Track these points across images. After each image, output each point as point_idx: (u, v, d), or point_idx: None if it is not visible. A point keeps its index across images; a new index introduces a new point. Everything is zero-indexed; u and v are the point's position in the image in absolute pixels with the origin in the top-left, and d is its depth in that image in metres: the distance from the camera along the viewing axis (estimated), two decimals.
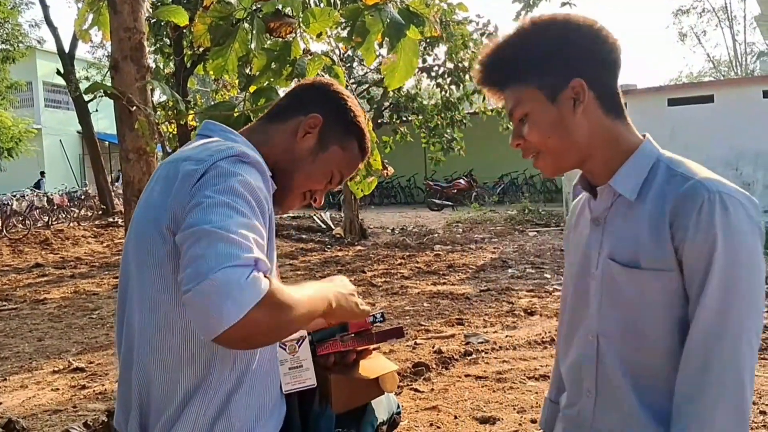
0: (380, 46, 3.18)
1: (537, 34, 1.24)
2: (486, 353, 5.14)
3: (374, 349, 1.72)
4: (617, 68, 1.26)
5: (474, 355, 5.08)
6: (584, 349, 1.31)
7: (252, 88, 3.11)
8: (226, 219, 1.03)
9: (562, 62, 1.22)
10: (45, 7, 16.42)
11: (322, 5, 3.40)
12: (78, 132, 24.29)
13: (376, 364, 1.64)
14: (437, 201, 19.87)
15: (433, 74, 13.75)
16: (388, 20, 2.87)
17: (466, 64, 12.92)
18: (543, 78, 1.23)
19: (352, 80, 15.20)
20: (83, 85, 16.92)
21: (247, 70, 3.40)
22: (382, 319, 1.68)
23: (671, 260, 1.15)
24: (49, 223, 15.51)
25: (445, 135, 14.19)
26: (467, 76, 13.10)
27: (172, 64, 11.21)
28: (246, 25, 2.96)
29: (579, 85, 1.21)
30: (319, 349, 1.55)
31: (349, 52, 12.18)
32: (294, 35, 3.10)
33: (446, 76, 13.46)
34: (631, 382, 1.23)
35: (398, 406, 1.75)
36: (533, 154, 1.28)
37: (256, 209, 1.11)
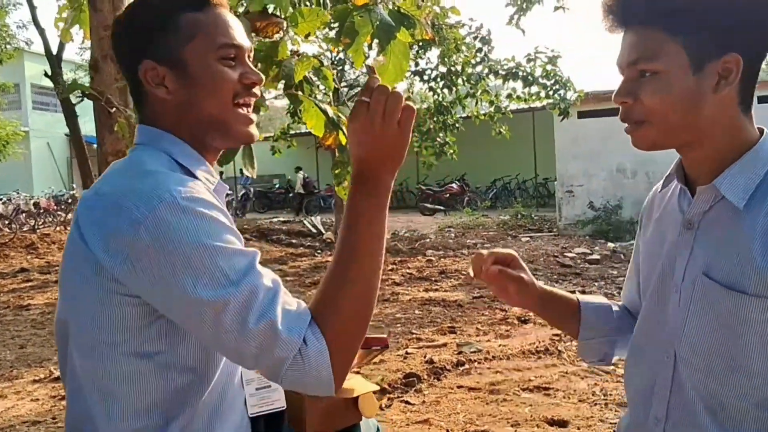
0: (370, 47, 3.07)
1: None
2: (479, 363, 5.02)
3: (357, 362, 1.62)
4: None
5: (467, 366, 4.97)
6: (657, 370, 1.14)
7: None
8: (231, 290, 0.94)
9: (728, 28, 1.00)
10: (33, 8, 16.21)
11: (311, 5, 3.30)
12: (66, 135, 24.06)
13: (353, 384, 1.52)
14: (429, 205, 19.77)
15: (425, 78, 13.64)
16: (378, 22, 2.77)
17: (459, 67, 12.83)
18: (697, 38, 1.01)
19: (344, 83, 15.08)
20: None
21: None
22: None
23: None
24: (36, 227, 15.33)
25: (438, 139, 14.08)
26: (460, 80, 13.01)
27: None
28: None
29: (735, 62, 1.01)
30: None
31: (341, 55, 12.10)
32: (281, 35, 2.99)
33: (439, 79, 13.35)
34: (712, 419, 1.06)
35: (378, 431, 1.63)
36: (635, 120, 1.08)
37: (231, 236, 0.98)
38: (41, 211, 16.59)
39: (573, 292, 6.78)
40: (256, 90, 1.15)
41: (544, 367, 4.86)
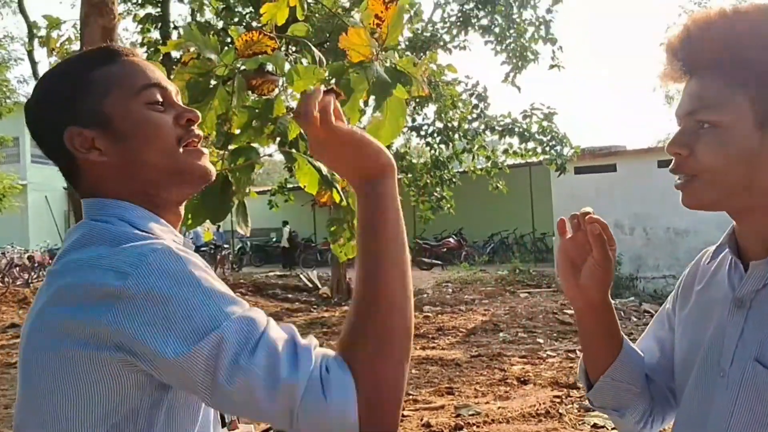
0: (366, 104, 3.04)
1: None
2: (477, 427, 4.86)
3: None
4: None
5: (465, 430, 4.80)
6: None
7: (231, 147, 2.96)
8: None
9: None
10: (34, 63, 16.45)
11: (305, 62, 3.29)
12: (64, 188, 24.10)
13: None
14: (426, 260, 19.67)
15: (422, 133, 13.74)
16: (374, 79, 2.74)
17: (456, 123, 12.93)
18: (765, 91, 0.93)
19: None
20: None
21: (226, 128, 3.26)
22: None
23: None
24: (29, 281, 15.17)
25: (435, 194, 14.10)
26: (457, 135, 13.10)
27: None
28: (226, 86, 2.83)
29: None
30: None
31: None
32: (277, 93, 2.97)
33: (436, 135, 13.45)
34: None
35: None
36: (686, 175, 0.99)
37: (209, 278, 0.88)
38: (35, 265, 16.48)
39: (573, 351, 6.64)
40: (197, 129, 1.05)
41: (545, 431, 4.70)
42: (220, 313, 0.83)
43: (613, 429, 4.65)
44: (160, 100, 1.01)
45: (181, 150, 1.01)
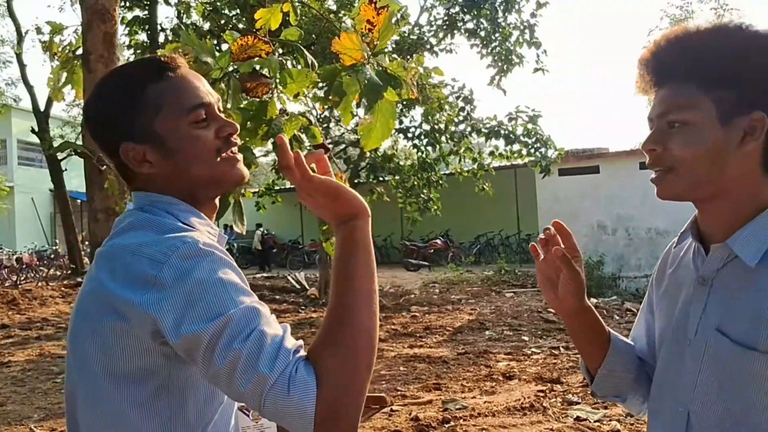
0: (358, 106, 3.16)
1: (746, 44, 1.08)
2: (464, 420, 4.99)
3: None
4: None
5: (452, 423, 4.93)
6: (672, 423, 1.16)
7: None
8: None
9: (758, 88, 1.07)
10: (22, 67, 16.46)
11: (299, 66, 3.40)
12: (50, 190, 24.01)
13: None
14: (414, 261, 19.79)
15: (409, 135, 13.87)
16: (366, 81, 2.85)
17: (442, 125, 13.07)
18: (726, 93, 1.07)
19: (329, 140, 15.27)
20: (57, 143, 16.78)
21: None
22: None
23: None
24: (17, 282, 15.14)
25: (422, 195, 14.23)
26: (443, 138, 13.24)
27: None
28: (222, 84, 2.94)
29: (760, 121, 1.06)
30: None
31: (326, 113, 12.30)
32: (270, 95, 3.07)
33: (423, 137, 13.59)
34: None
35: None
36: (662, 168, 1.12)
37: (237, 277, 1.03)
38: (23, 266, 16.43)
39: (557, 348, 6.80)
40: (235, 138, 1.18)
41: (530, 423, 4.84)
42: (231, 301, 0.97)
43: (595, 421, 4.80)
44: (204, 117, 1.14)
45: (219, 159, 1.15)
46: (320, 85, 3.42)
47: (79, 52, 3.08)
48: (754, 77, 1.07)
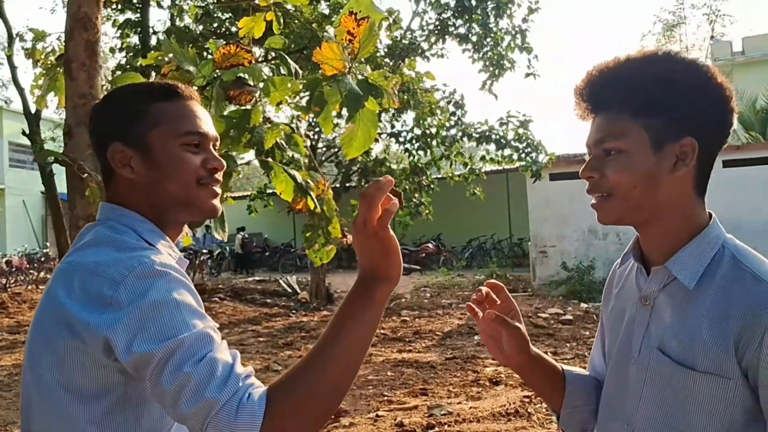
0: (339, 115, 3.18)
1: (674, 72, 1.11)
2: (449, 426, 5.01)
3: None
4: (724, 145, 1.15)
5: (437, 428, 4.95)
6: None
7: None
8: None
9: (686, 115, 1.10)
10: (13, 68, 16.36)
11: (284, 72, 3.41)
12: (42, 193, 23.93)
13: None
14: (405, 265, 19.78)
15: (401, 140, 13.90)
16: (346, 91, 2.87)
17: (434, 130, 13.11)
18: (657, 121, 1.10)
19: (322, 143, 15.29)
20: (48, 146, 16.71)
21: None
22: None
23: (733, 368, 1.05)
24: (7, 285, 15.09)
25: (413, 199, 14.26)
26: (435, 142, 13.27)
27: None
28: (205, 92, 2.95)
29: (691, 146, 1.10)
30: None
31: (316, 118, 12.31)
32: (254, 103, 3.09)
33: (414, 141, 13.62)
34: None
35: None
36: (600, 194, 1.15)
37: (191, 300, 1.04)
38: (13, 269, 16.38)
39: (545, 353, 6.86)
40: (218, 176, 1.23)
41: (514, 429, 4.86)
42: (185, 324, 0.99)
43: None
44: (197, 143, 1.21)
45: (198, 186, 1.19)
46: (303, 94, 3.45)
47: (61, 58, 3.09)
48: (682, 104, 1.10)
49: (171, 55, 3.03)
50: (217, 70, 2.96)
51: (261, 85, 3.06)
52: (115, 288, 1.00)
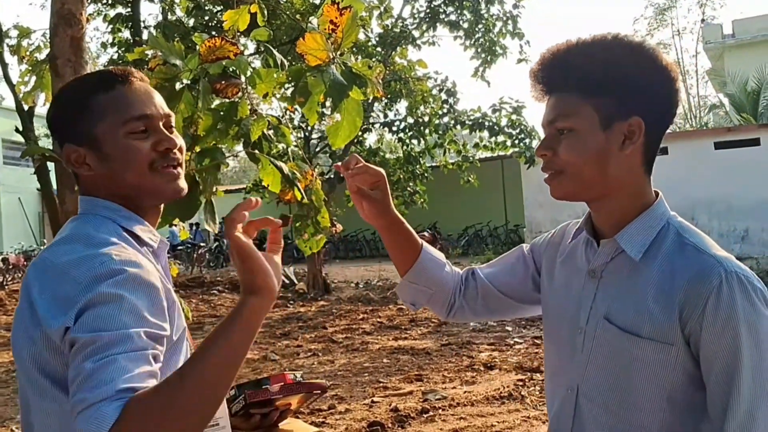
0: (323, 106, 3.21)
1: (621, 54, 1.17)
2: (443, 410, 5.08)
3: (297, 405, 1.74)
4: (670, 125, 1.21)
5: (431, 413, 5.01)
6: (562, 402, 1.27)
7: (197, 149, 3.10)
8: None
9: (633, 95, 1.15)
10: (4, 65, 16.36)
11: (269, 62, 3.43)
12: (37, 189, 23.91)
13: (293, 427, 1.63)
14: None
15: (394, 129, 13.93)
16: (330, 81, 2.90)
17: (427, 119, 13.13)
18: (605, 101, 1.15)
19: (316, 133, 15.30)
20: (42, 143, 16.66)
21: (192, 131, 3.40)
22: (302, 378, 1.70)
23: (676, 335, 1.11)
24: (4, 283, 15.13)
25: (408, 188, 14.29)
26: (428, 131, 13.29)
27: None
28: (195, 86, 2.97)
29: (638, 125, 1.15)
30: (251, 396, 1.57)
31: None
32: (241, 96, 3.12)
33: (407, 130, 13.64)
34: None
35: None
36: (553, 171, 1.21)
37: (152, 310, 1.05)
38: (10, 267, 16.41)
39: (539, 337, 6.91)
40: (174, 154, 1.23)
41: (507, 412, 4.92)
42: (115, 323, 0.99)
43: None
44: (144, 129, 1.19)
45: (152, 173, 1.20)
46: (289, 85, 3.47)
47: (47, 54, 3.12)
48: (629, 84, 1.16)
49: (154, 49, 3.06)
50: (204, 63, 2.99)
51: (247, 77, 3.08)
52: (78, 289, 1.03)
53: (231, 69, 3.04)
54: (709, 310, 1.08)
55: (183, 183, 1.24)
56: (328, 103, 3.10)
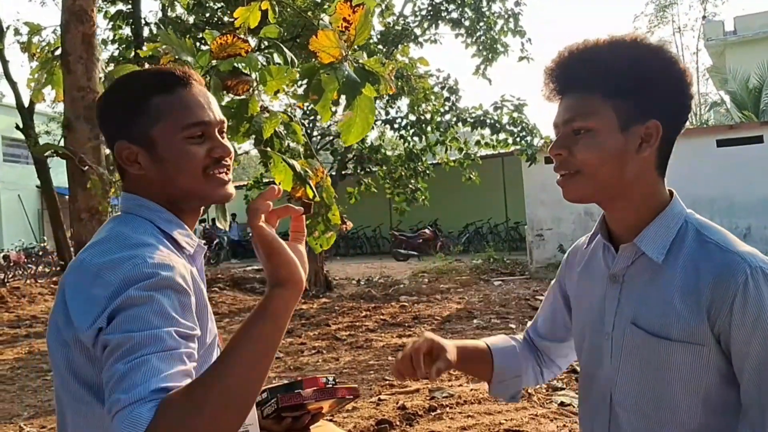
0: (336, 103, 3.20)
1: (645, 56, 1.16)
2: (450, 408, 5.07)
3: (329, 409, 1.72)
4: (683, 128, 1.21)
5: (438, 410, 5.01)
6: (596, 414, 1.26)
7: None
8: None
9: (652, 97, 1.15)
10: (5, 63, 16.32)
11: (279, 61, 3.42)
12: (37, 186, 23.87)
13: (324, 430, 1.62)
14: (403, 251, 19.86)
15: (396, 126, 13.91)
16: (344, 79, 2.89)
17: (428, 116, 13.11)
18: (625, 102, 1.15)
19: (317, 131, 15.28)
20: (43, 140, 16.67)
21: None
22: (334, 382, 1.68)
23: (706, 335, 1.10)
24: (5, 280, 15.09)
25: (409, 185, 14.28)
26: (429, 128, 13.28)
27: None
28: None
29: (655, 128, 1.15)
30: (283, 400, 1.56)
31: (312, 105, 12.30)
32: (251, 92, 3.10)
33: (409, 128, 13.63)
34: None
35: None
36: (569, 171, 1.19)
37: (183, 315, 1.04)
38: (11, 264, 16.36)
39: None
40: (226, 161, 1.23)
41: (515, 410, 4.91)
42: (145, 323, 0.98)
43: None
44: (200, 134, 1.20)
45: (205, 177, 1.20)
46: (300, 83, 3.46)
47: (58, 52, 3.10)
48: (648, 88, 1.15)
49: (165, 45, 3.04)
50: (214, 60, 2.98)
51: (257, 74, 3.07)
52: (110, 292, 1.02)
53: (242, 66, 3.03)
54: (737, 308, 1.07)
55: (232, 188, 1.25)
56: (338, 100, 3.09)
